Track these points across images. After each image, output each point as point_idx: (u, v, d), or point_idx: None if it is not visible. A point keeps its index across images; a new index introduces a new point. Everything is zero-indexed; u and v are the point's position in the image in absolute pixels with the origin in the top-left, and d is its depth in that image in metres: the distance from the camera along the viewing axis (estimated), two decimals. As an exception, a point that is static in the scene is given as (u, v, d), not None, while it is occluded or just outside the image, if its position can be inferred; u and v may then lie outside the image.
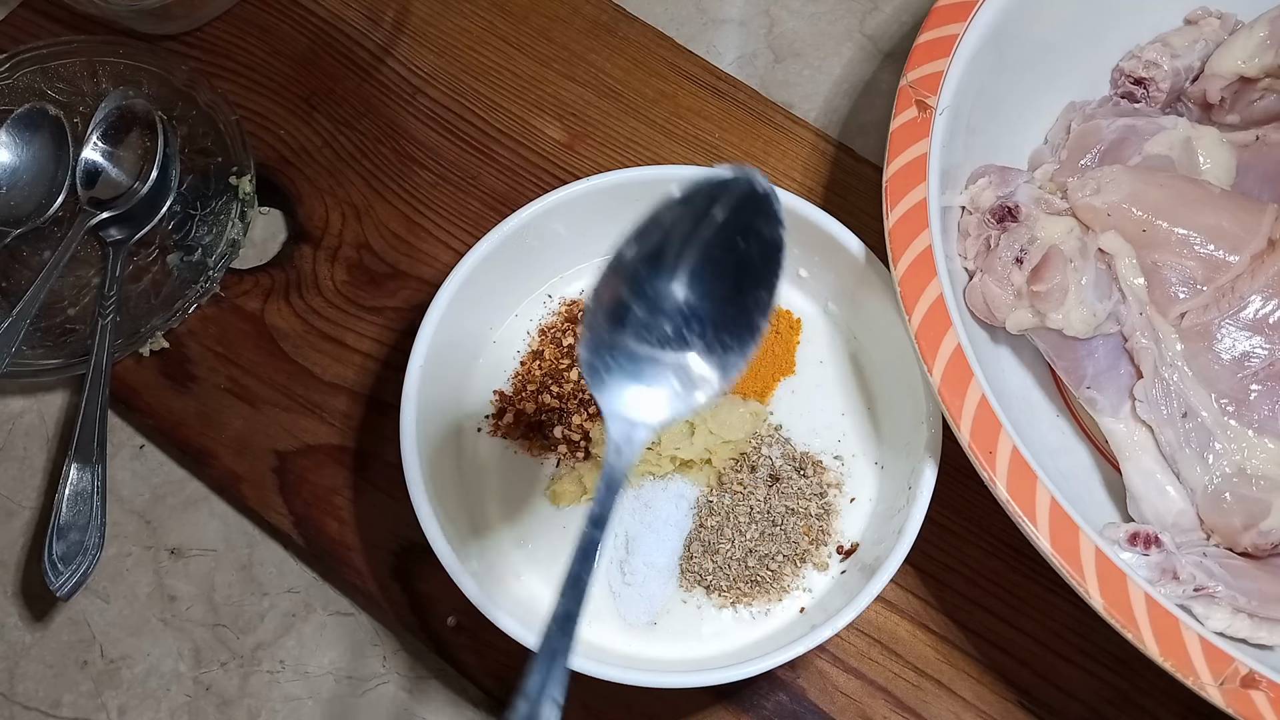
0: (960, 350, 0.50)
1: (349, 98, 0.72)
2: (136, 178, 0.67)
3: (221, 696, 0.59)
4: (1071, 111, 0.63)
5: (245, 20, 0.74)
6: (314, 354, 0.65)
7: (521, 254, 0.60)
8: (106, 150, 0.68)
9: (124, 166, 0.68)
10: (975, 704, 0.58)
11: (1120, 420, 0.55)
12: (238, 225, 0.67)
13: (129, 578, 0.62)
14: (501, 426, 0.60)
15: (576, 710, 0.57)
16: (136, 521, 0.63)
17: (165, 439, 0.64)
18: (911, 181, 0.53)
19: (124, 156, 0.68)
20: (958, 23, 0.57)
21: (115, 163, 0.68)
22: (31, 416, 0.66)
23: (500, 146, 0.70)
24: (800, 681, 0.58)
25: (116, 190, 0.67)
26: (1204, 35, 0.62)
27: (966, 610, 0.59)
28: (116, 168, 0.68)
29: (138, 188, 0.67)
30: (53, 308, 0.66)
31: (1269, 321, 0.55)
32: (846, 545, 0.57)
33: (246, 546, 0.62)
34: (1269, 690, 0.45)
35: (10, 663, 0.60)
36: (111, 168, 0.68)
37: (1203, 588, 0.49)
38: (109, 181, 0.67)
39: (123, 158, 0.68)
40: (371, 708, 0.59)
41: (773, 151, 0.70)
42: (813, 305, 0.62)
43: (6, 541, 0.63)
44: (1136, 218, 0.55)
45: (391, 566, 0.60)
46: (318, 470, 0.62)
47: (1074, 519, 0.48)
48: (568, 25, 0.74)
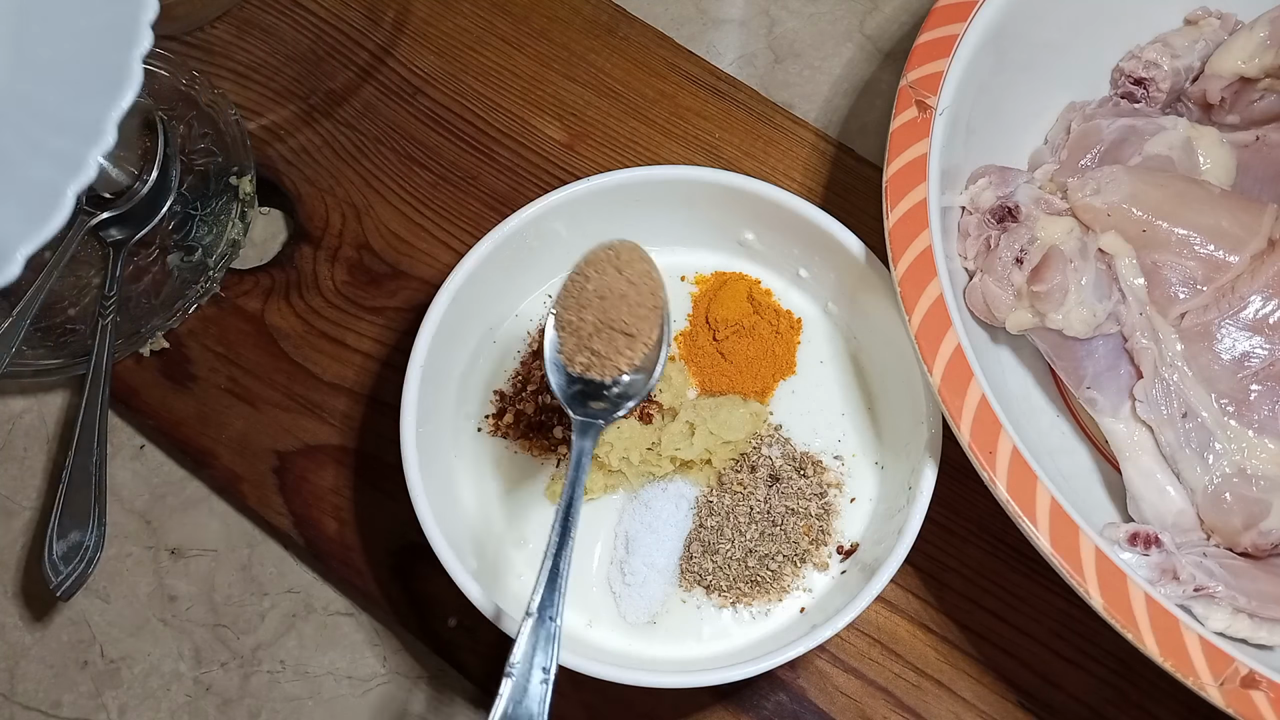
0: (960, 350, 0.50)
1: (349, 98, 0.72)
2: (137, 178, 0.67)
3: (222, 696, 0.59)
4: (1071, 111, 0.63)
5: (245, 20, 0.74)
6: (314, 354, 0.65)
7: (521, 254, 0.60)
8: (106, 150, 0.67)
9: (124, 166, 0.68)
10: (975, 704, 0.58)
11: (1120, 420, 0.55)
12: (238, 225, 0.67)
13: (129, 578, 0.62)
14: (501, 426, 0.60)
15: (577, 710, 0.57)
16: (136, 521, 0.63)
17: (165, 439, 0.64)
18: (911, 182, 0.53)
19: (124, 156, 0.68)
20: (958, 23, 0.57)
21: (115, 163, 0.68)
22: (31, 416, 0.66)
23: (500, 146, 0.70)
24: (800, 681, 0.58)
25: (117, 190, 0.67)
26: (1204, 35, 0.62)
27: (966, 610, 0.59)
28: (116, 168, 0.68)
29: (138, 188, 0.67)
30: (53, 308, 0.66)
31: (1269, 321, 0.55)
32: (846, 545, 0.57)
33: (246, 546, 0.62)
34: (1269, 690, 0.45)
35: (10, 663, 0.60)
36: (112, 168, 0.68)
37: (1203, 588, 0.49)
38: (109, 181, 0.67)
39: (123, 158, 0.68)
40: (371, 708, 0.59)
41: (773, 151, 0.70)
42: (813, 305, 0.62)
43: (6, 541, 0.63)
44: (1136, 218, 0.55)
45: (391, 566, 0.60)
46: (318, 470, 0.62)
47: (1074, 519, 0.48)
48: (568, 25, 0.74)
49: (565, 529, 0.45)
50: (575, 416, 0.49)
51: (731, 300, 0.61)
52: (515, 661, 0.41)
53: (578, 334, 0.49)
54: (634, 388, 0.49)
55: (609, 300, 0.48)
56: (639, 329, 0.48)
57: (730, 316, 0.61)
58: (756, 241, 0.62)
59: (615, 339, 0.48)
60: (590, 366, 0.49)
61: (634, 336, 0.48)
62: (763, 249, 0.62)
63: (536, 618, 0.43)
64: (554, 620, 0.43)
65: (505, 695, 0.41)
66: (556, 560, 0.44)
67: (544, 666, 0.42)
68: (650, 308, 0.49)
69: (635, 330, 0.48)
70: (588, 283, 0.49)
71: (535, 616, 0.43)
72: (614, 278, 0.48)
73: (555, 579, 0.44)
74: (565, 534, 0.45)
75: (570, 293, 0.49)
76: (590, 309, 0.48)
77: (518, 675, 0.41)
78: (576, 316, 0.49)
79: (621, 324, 0.48)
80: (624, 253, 0.49)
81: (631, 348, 0.48)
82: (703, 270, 0.63)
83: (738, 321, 0.61)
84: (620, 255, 0.49)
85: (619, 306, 0.48)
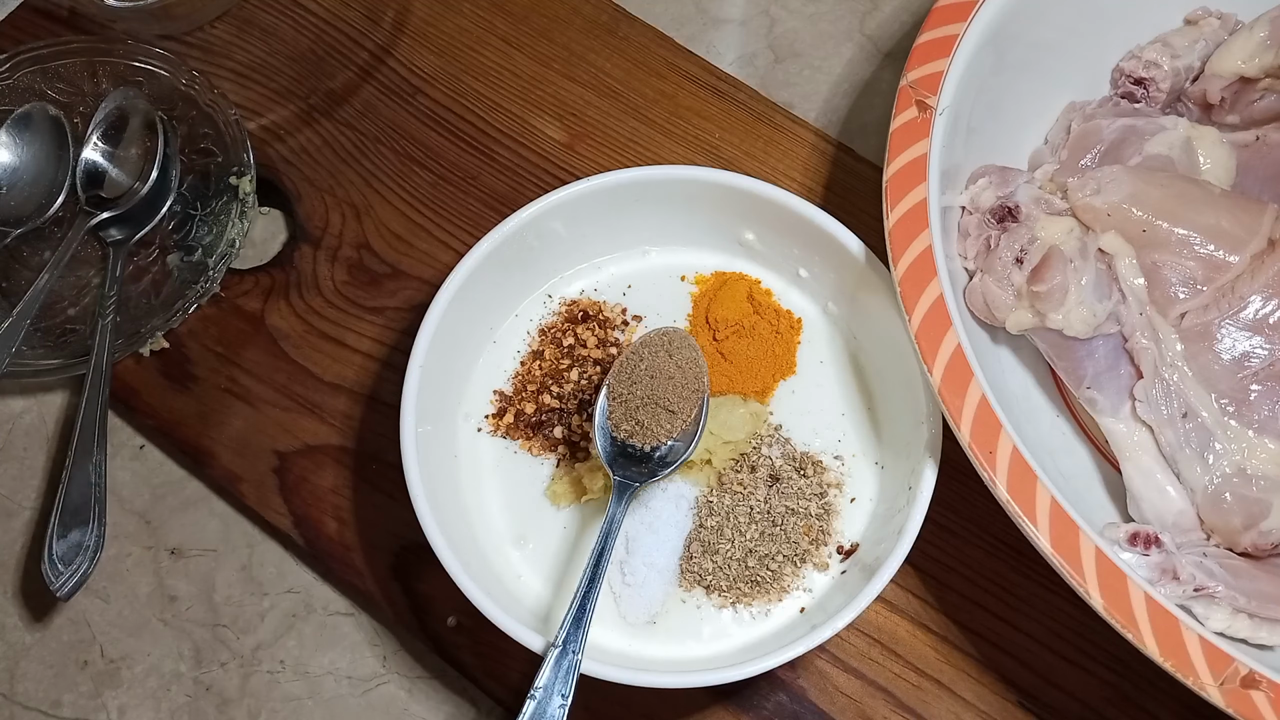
0: (960, 350, 0.50)
1: (349, 98, 0.72)
2: (136, 178, 0.67)
3: (222, 696, 0.59)
4: (1071, 111, 0.63)
5: (245, 20, 0.74)
6: (314, 354, 0.65)
7: (521, 254, 0.60)
8: (107, 150, 0.68)
9: (124, 166, 0.68)
10: (975, 704, 0.58)
11: (1120, 420, 0.55)
12: (238, 225, 0.67)
13: (129, 578, 0.62)
14: (501, 426, 0.60)
15: (577, 710, 0.57)
16: (136, 521, 0.63)
17: (165, 439, 0.64)
18: (911, 181, 0.53)
19: (124, 156, 0.68)
20: (958, 23, 0.57)
21: (115, 163, 0.68)
22: (31, 416, 0.66)
23: (500, 146, 0.70)
24: (800, 681, 0.58)
25: (117, 190, 0.67)
26: (1204, 35, 0.62)
27: (966, 610, 0.59)
28: (116, 168, 0.68)
29: (138, 188, 0.67)
30: (53, 308, 0.66)
31: (1269, 321, 0.55)
32: (847, 545, 0.57)
33: (246, 546, 0.62)
34: (1269, 690, 0.45)
35: (10, 663, 0.60)
36: (111, 168, 0.68)
37: (1203, 588, 0.49)
38: (109, 181, 0.67)
39: (123, 158, 0.68)
40: (371, 708, 0.59)
41: (773, 151, 0.70)
42: (813, 305, 0.62)
43: (6, 541, 0.63)
44: (1137, 218, 0.55)
45: (391, 566, 0.60)
46: (318, 470, 0.62)
47: (1074, 519, 0.48)
48: (568, 25, 0.74)
49: (595, 574, 0.50)
50: (615, 477, 0.54)
51: (731, 300, 0.61)
52: (539, 687, 0.47)
53: (626, 404, 0.54)
54: (671, 456, 0.54)
55: (658, 380, 0.54)
56: (680, 408, 0.54)
57: (730, 316, 0.61)
58: (756, 241, 0.62)
59: (659, 414, 0.54)
60: (633, 434, 0.54)
61: (675, 414, 0.54)
62: (763, 249, 0.62)
63: (561, 649, 0.48)
64: (575, 654, 0.48)
65: (528, 714, 0.47)
66: (584, 601, 0.49)
67: (563, 693, 0.47)
68: (693, 391, 0.55)
69: (677, 409, 0.54)
70: (641, 361, 0.55)
71: (560, 649, 0.48)
72: (664, 360, 0.55)
73: (581, 617, 0.49)
74: (595, 578, 0.50)
75: (624, 368, 0.55)
76: (640, 385, 0.54)
77: (540, 699, 0.47)
78: (627, 389, 0.54)
79: (666, 401, 0.54)
80: (676, 340, 0.56)
81: (672, 423, 0.54)
82: (703, 270, 0.63)
83: (738, 321, 0.61)
84: (672, 342, 0.56)
85: (666, 386, 0.54)
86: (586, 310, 0.62)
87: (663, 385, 0.54)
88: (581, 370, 0.60)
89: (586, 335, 0.61)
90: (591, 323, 0.62)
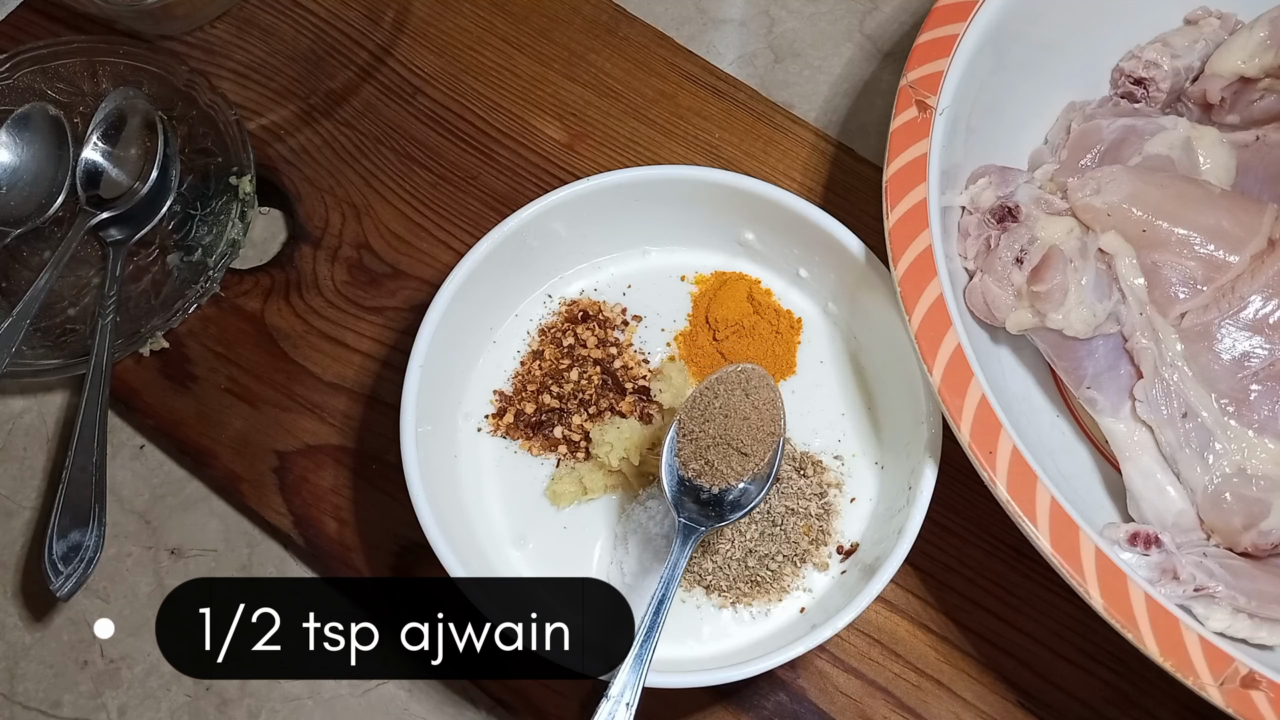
0: (960, 350, 0.50)
1: (349, 98, 0.72)
2: (136, 178, 0.67)
3: (221, 696, 0.59)
4: (1071, 111, 0.63)
5: (245, 20, 0.74)
6: (314, 354, 0.65)
7: (521, 254, 0.60)
8: (106, 150, 0.68)
9: (124, 166, 0.68)
10: (975, 704, 0.58)
11: (1120, 420, 0.55)
12: (238, 225, 0.67)
13: (129, 578, 0.62)
14: (501, 426, 0.60)
15: (576, 710, 0.57)
16: (136, 521, 0.63)
17: (165, 439, 0.64)
18: (911, 181, 0.53)
19: (124, 156, 0.68)
20: (958, 23, 0.57)
21: (115, 163, 0.68)
22: (31, 416, 0.66)
23: (500, 146, 0.70)
24: (800, 681, 0.58)
25: (117, 190, 0.67)
26: (1204, 35, 0.62)
27: (966, 610, 0.59)
28: (116, 168, 0.68)
29: (138, 188, 0.67)
30: (53, 308, 0.66)
31: (1269, 321, 0.55)
32: (846, 545, 0.57)
33: (246, 546, 0.62)
34: (1269, 690, 0.45)
35: (10, 663, 0.60)
36: (111, 168, 0.68)
37: (1203, 588, 0.49)
38: (109, 181, 0.67)
39: (123, 158, 0.68)
40: (371, 708, 0.59)
41: (773, 151, 0.70)
42: (813, 305, 0.62)
43: (6, 541, 0.63)
44: (1136, 218, 0.55)
45: (391, 566, 0.60)
46: (318, 470, 0.62)
47: (1074, 519, 0.48)
48: (568, 25, 0.74)
49: (654, 623, 0.48)
50: (680, 519, 0.52)
51: (731, 300, 0.61)
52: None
53: (696, 443, 0.52)
54: (742, 500, 0.52)
55: (732, 420, 0.52)
56: (754, 450, 0.52)
57: (730, 316, 0.61)
58: (756, 241, 0.62)
59: (730, 455, 0.51)
60: (701, 474, 0.52)
61: (748, 456, 0.51)
62: (763, 249, 0.62)
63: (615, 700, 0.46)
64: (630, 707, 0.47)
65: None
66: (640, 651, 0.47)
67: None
68: (768, 433, 0.52)
69: (750, 451, 0.51)
70: (715, 399, 0.52)
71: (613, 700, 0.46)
72: (740, 400, 0.52)
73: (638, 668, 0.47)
74: (654, 626, 0.48)
75: (697, 404, 0.53)
76: (713, 424, 0.52)
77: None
78: (699, 427, 0.52)
79: (739, 443, 0.51)
80: (754, 378, 0.53)
81: (743, 465, 0.51)
82: (703, 270, 0.63)
83: (738, 321, 0.61)
84: (750, 380, 0.53)
85: (740, 427, 0.52)
86: (586, 310, 0.62)
87: (736, 425, 0.51)
88: (581, 370, 0.60)
89: (586, 335, 0.61)
90: (591, 323, 0.62)
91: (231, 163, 0.68)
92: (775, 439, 0.52)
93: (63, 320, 0.66)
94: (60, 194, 0.67)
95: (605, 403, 0.60)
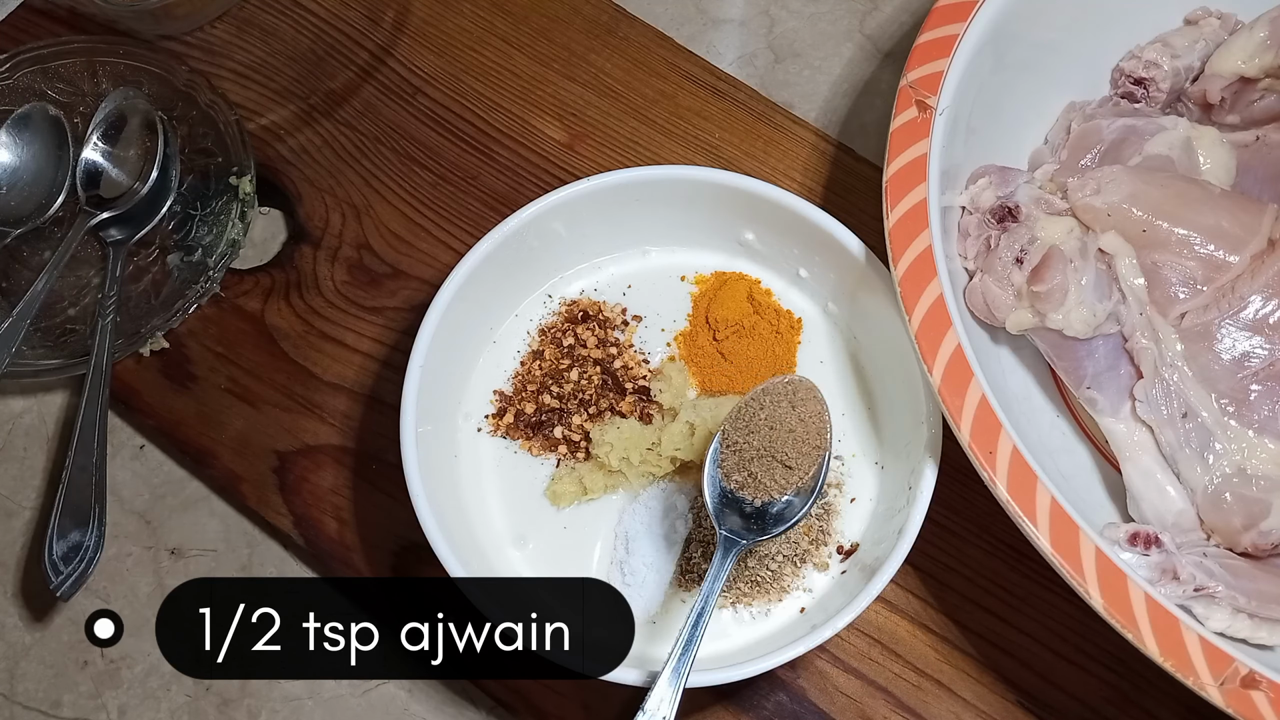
0: (960, 350, 0.50)
1: (349, 98, 0.72)
2: (137, 178, 0.67)
3: (222, 696, 0.59)
4: (1071, 111, 0.63)
5: (245, 20, 0.74)
6: (314, 354, 0.65)
7: (521, 254, 0.60)
8: (106, 150, 0.68)
9: (124, 166, 0.68)
10: (975, 704, 0.58)
11: (1120, 420, 0.55)
12: (238, 225, 0.67)
13: (129, 578, 0.62)
14: (501, 426, 0.60)
15: (576, 710, 0.57)
16: (136, 521, 0.63)
17: (165, 439, 0.64)
18: (911, 181, 0.53)
19: (124, 156, 0.68)
20: (958, 23, 0.57)
21: (115, 163, 0.68)
22: (31, 416, 0.66)
23: (500, 146, 0.70)
24: (800, 681, 0.58)
25: (117, 190, 0.67)
26: (1204, 35, 0.62)
27: (966, 610, 0.59)
28: (116, 168, 0.68)
29: (138, 188, 0.67)
30: (53, 308, 0.66)
31: (1269, 321, 0.55)
32: (847, 545, 0.57)
33: (246, 546, 0.62)
34: (1269, 690, 0.45)
35: (10, 663, 0.60)
36: (111, 168, 0.68)
37: (1203, 588, 0.49)
38: (109, 181, 0.67)
39: (123, 158, 0.68)
40: (372, 708, 0.59)
41: (773, 151, 0.70)
42: (813, 305, 0.62)
43: (6, 541, 0.63)
44: (1137, 218, 0.55)
45: (391, 566, 0.60)
46: (318, 470, 0.62)
47: (1074, 519, 0.48)
48: (568, 25, 0.74)
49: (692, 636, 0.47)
50: (721, 531, 0.51)
51: (731, 300, 0.61)
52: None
53: (740, 454, 0.51)
54: (787, 513, 0.51)
55: (777, 432, 0.51)
56: (799, 464, 0.51)
57: (730, 316, 0.61)
58: (756, 241, 0.62)
59: (774, 468, 0.51)
60: (744, 486, 0.51)
61: (792, 470, 0.51)
62: (763, 249, 0.62)
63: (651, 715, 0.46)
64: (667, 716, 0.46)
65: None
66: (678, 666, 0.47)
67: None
68: (814, 446, 0.51)
69: (795, 464, 0.51)
70: (761, 410, 0.52)
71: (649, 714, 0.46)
72: (786, 412, 0.52)
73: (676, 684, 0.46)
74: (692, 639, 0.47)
75: (742, 415, 0.52)
76: (758, 435, 0.51)
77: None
78: (743, 439, 0.52)
79: (784, 455, 0.51)
80: (801, 390, 0.52)
81: (788, 479, 0.51)
82: (703, 270, 0.63)
83: (738, 321, 0.61)
84: (797, 392, 0.52)
85: (785, 440, 0.51)
86: (586, 310, 0.62)
87: (782, 438, 0.51)
88: (581, 370, 0.60)
89: (586, 335, 0.61)
90: (591, 323, 0.62)
91: (231, 163, 0.68)
92: (821, 452, 0.52)
93: (63, 320, 0.66)
94: (60, 194, 0.67)
95: (605, 403, 0.60)
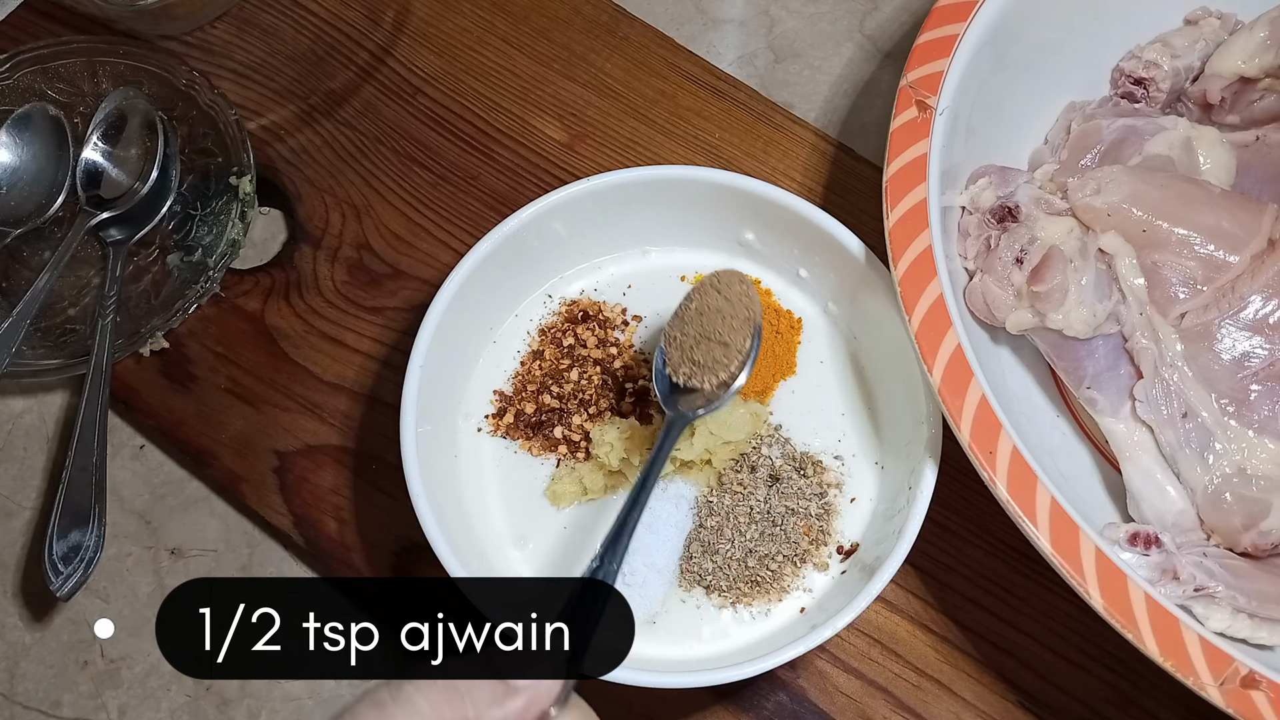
0: (960, 350, 0.50)
1: (349, 98, 0.72)
2: (137, 178, 0.67)
3: (222, 696, 0.59)
4: (1071, 111, 0.63)
5: (245, 20, 0.74)
6: (314, 354, 0.65)
7: (521, 254, 0.60)
8: (106, 150, 0.68)
9: (124, 167, 0.68)
10: (975, 704, 0.58)
11: (1120, 420, 0.55)
12: (238, 225, 0.67)
13: (129, 578, 0.62)
14: (501, 426, 0.60)
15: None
16: (136, 521, 0.63)
17: (165, 439, 0.64)
18: (911, 181, 0.53)
19: (124, 156, 0.68)
20: (958, 23, 0.57)
21: (115, 163, 0.68)
22: (31, 416, 0.66)
23: (500, 146, 0.70)
24: (800, 681, 0.58)
25: (117, 190, 0.67)
26: (1204, 35, 0.62)
27: (966, 610, 0.59)
28: (116, 168, 0.68)
29: (138, 188, 0.67)
30: (53, 308, 0.66)
31: (1269, 321, 0.55)
32: (847, 545, 0.57)
33: (246, 546, 0.62)
34: (1269, 690, 0.45)
35: (10, 663, 0.60)
36: (111, 168, 0.68)
37: (1203, 588, 0.49)
38: (109, 181, 0.67)
39: (123, 158, 0.68)
40: (371, 708, 0.59)
41: (773, 151, 0.70)
42: (813, 305, 0.62)
43: (6, 541, 0.63)
44: (1137, 218, 0.55)
45: (391, 566, 0.60)
46: (318, 470, 0.62)
47: (1074, 519, 0.48)
48: (568, 25, 0.74)
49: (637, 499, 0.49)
50: (669, 413, 0.54)
51: (731, 300, 0.61)
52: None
53: (681, 347, 0.55)
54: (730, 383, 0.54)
55: (707, 315, 0.55)
56: (732, 339, 0.54)
57: (730, 316, 0.61)
58: (756, 241, 0.62)
59: (712, 349, 0.54)
60: (692, 375, 0.54)
61: (729, 345, 0.54)
62: (763, 249, 0.62)
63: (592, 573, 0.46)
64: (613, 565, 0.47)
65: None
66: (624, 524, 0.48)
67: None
68: (743, 320, 0.54)
69: (729, 339, 0.54)
70: (690, 303, 0.56)
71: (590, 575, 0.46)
72: (713, 297, 0.55)
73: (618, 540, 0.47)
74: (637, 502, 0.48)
75: (677, 314, 0.56)
76: (691, 324, 0.55)
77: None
78: (680, 332, 0.55)
79: (717, 334, 0.54)
80: (724, 277, 0.56)
81: (727, 355, 0.54)
82: (703, 270, 0.63)
83: (738, 321, 0.61)
84: (721, 280, 0.56)
85: (715, 320, 0.54)
86: (586, 310, 0.62)
87: (712, 319, 0.54)
88: (581, 370, 0.60)
89: (586, 335, 0.61)
90: (591, 323, 0.62)
91: (231, 163, 0.68)
92: (750, 323, 0.54)
93: (63, 320, 0.66)
94: (60, 194, 0.67)
95: (605, 403, 0.60)
